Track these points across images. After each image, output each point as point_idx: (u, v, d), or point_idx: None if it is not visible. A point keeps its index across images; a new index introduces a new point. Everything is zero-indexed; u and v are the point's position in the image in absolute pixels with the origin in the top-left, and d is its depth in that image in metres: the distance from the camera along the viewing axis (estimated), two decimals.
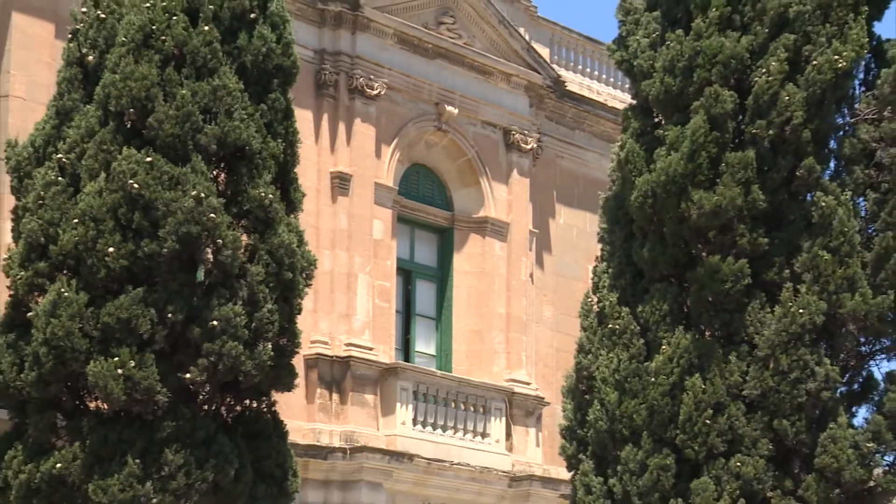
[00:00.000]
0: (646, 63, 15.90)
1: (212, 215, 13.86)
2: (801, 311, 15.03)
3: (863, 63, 16.18)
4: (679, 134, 15.33)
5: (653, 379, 15.23)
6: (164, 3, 14.17)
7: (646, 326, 15.59)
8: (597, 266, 16.60)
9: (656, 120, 15.97)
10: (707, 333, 15.49)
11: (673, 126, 15.52)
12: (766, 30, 15.50)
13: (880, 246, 15.43)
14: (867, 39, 15.73)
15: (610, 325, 15.76)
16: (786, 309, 15.10)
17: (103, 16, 14.49)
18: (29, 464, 13.90)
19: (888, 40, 16.31)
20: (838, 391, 15.55)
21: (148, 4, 14.19)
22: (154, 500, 13.74)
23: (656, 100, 15.76)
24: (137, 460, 13.68)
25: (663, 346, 15.32)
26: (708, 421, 15.03)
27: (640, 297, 15.73)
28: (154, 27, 14.11)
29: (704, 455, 15.08)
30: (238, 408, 14.79)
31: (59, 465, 13.73)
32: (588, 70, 26.58)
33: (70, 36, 14.82)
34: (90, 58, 14.46)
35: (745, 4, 15.60)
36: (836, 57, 15.40)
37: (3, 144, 15.36)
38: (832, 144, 16.00)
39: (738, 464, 15.00)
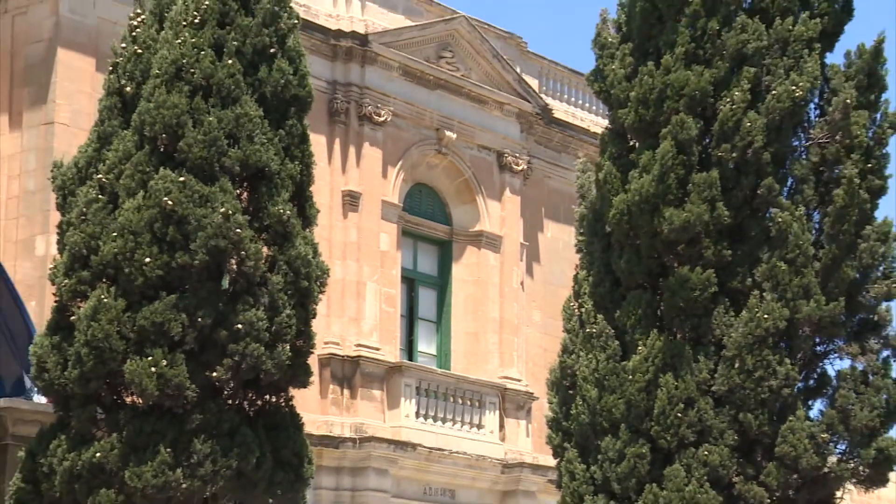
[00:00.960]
0: (621, 93, 15.93)
1: (237, 230, 13.91)
2: (765, 316, 15.05)
3: (817, 91, 16.19)
4: (650, 158, 15.39)
5: (630, 377, 15.27)
6: (194, 40, 14.23)
7: (623, 330, 15.61)
8: (577, 274, 16.64)
9: (631, 144, 16.01)
10: (678, 336, 15.51)
11: (645, 150, 15.56)
12: (727, 64, 15.55)
13: (827, 257, 15.48)
14: (821, 71, 15.84)
15: (590, 329, 15.81)
16: (752, 314, 15.14)
17: (140, 51, 14.57)
18: (71, 452, 13.94)
19: (832, 66, 16.25)
20: (796, 387, 15.55)
21: (179, 41, 14.24)
22: (183, 486, 13.77)
23: (631, 127, 15.81)
24: (169, 449, 13.72)
25: (639, 347, 15.35)
26: (679, 414, 15.07)
27: (618, 303, 15.75)
28: (184, 61, 14.18)
29: (676, 445, 15.12)
30: (259, 402, 14.81)
31: (98, 453, 13.77)
32: (572, 99, 26.72)
33: (110, 69, 14.88)
34: (128, 88, 14.53)
35: (707, 42, 15.64)
36: (794, 87, 15.46)
37: (50, 166, 15.42)
38: (789, 165, 16.05)
39: (706, 452, 15.03)
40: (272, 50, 14.68)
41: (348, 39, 22.40)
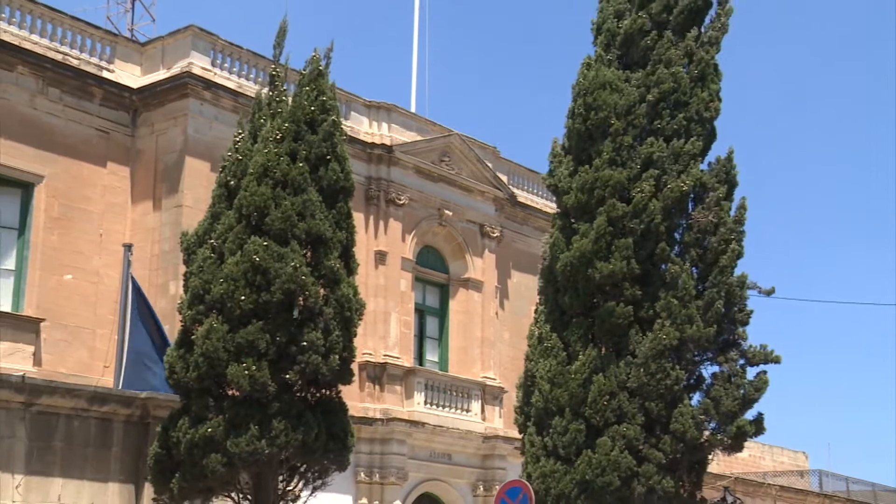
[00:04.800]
0: (566, 186, 15.93)
1: (303, 278, 13.79)
2: (663, 336, 14.98)
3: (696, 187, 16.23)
4: (588, 228, 15.36)
5: (572, 376, 15.14)
6: (276, 150, 14.18)
7: (568, 344, 15.51)
8: (537, 307, 16.58)
9: (572, 220, 15.97)
10: (605, 349, 15.40)
11: (582, 224, 15.52)
12: (638, 166, 15.58)
13: (708, 298, 15.44)
14: (700, 175, 15.85)
15: (545, 344, 15.69)
16: (654, 335, 15.05)
17: (241, 157, 14.54)
18: (192, 429, 13.79)
19: (703, 171, 16.26)
20: (682, 384, 15.44)
21: (266, 150, 14.21)
22: (266, 452, 13.59)
23: (572, 208, 15.77)
24: (256, 426, 13.56)
25: (579, 357, 15.23)
26: (605, 402, 14.94)
27: (565, 326, 15.65)
28: (269, 164, 14.13)
29: (603, 423, 14.97)
30: (318, 395, 14.61)
31: (210, 429, 13.63)
32: (530, 189, 26.74)
33: (221, 169, 14.86)
34: (232, 182, 14.47)
35: (624, 150, 15.66)
36: (682, 184, 15.47)
37: (179, 234, 15.36)
38: (678, 235, 16.04)
39: (624, 429, 14.90)
40: (328, 157, 14.63)
41: (379, 149, 22.43)
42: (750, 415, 15.62)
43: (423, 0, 26.41)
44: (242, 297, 13.68)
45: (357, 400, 20.94)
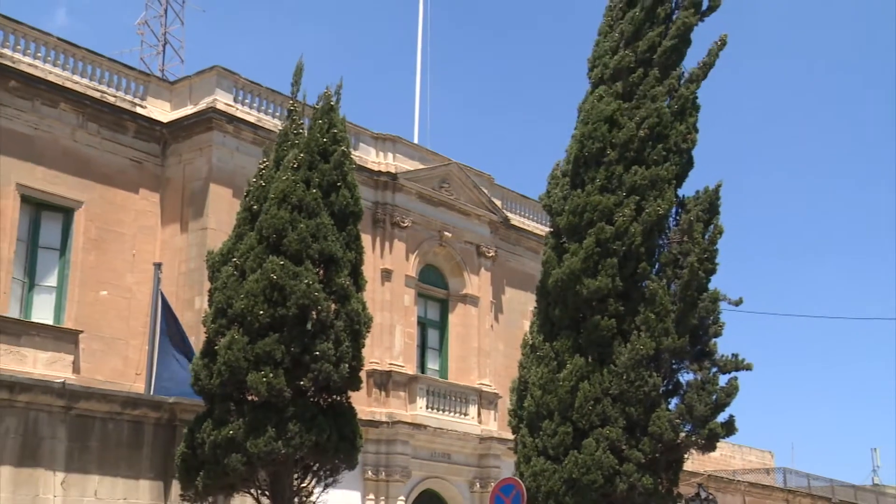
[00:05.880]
0: (559, 207, 15.90)
1: (316, 294, 13.77)
2: (641, 347, 14.91)
3: (674, 210, 16.17)
4: (577, 247, 15.32)
5: (561, 383, 15.04)
6: (293, 177, 14.20)
7: (558, 353, 15.43)
8: (532, 320, 16.52)
9: (563, 240, 15.91)
10: (591, 358, 15.31)
11: (573, 244, 15.47)
12: (623, 192, 15.55)
13: (679, 311, 15.40)
14: (675, 199, 15.84)
15: (538, 353, 15.62)
16: (634, 345, 14.97)
17: (263, 184, 14.56)
18: (215, 430, 13.74)
19: (685, 197, 16.25)
20: (660, 391, 15.35)
21: (284, 178, 14.24)
22: (283, 452, 13.53)
23: (564, 228, 15.73)
24: (274, 429, 13.50)
25: (568, 365, 15.14)
26: (591, 407, 14.84)
27: (555, 337, 15.56)
28: (287, 190, 14.13)
29: (588, 426, 14.86)
30: (329, 400, 14.55)
31: (231, 431, 13.58)
32: (522, 213, 26.74)
33: (245, 194, 14.87)
34: (255, 206, 14.47)
35: (613, 178, 15.64)
36: (658, 208, 15.44)
37: (205, 254, 15.34)
38: (657, 254, 15.99)
39: (607, 431, 14.79)
40: (339, 184, 14.65)
41: (385, 176, 22.45)
42: (721, 418, 15.51)
43: (426, 40, 26.77)
44: (261, 312, 13.65)
45: (365, 405, 20.87)
